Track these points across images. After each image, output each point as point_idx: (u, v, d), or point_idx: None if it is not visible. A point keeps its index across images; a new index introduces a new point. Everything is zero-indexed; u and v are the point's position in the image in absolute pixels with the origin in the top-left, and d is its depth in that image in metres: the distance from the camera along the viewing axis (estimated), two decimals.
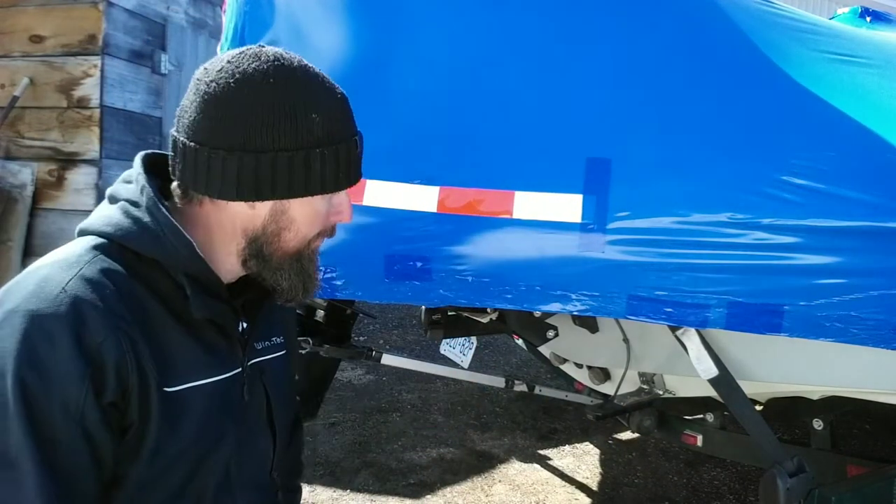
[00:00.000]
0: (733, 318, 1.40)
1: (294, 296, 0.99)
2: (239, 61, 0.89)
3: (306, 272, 1.00)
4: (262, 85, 0.88)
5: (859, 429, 3.71)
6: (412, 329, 5.18)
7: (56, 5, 5.21)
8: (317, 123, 0.90)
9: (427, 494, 3.13)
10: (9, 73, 5.27)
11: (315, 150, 0.90)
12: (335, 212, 0.99)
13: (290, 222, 0.94)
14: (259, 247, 0.95)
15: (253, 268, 0.97)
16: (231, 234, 0.95)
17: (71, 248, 0.90)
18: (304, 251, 0.99)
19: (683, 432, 2.79)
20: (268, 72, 0.88)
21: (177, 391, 0.89)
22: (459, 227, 1.53)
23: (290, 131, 0.88)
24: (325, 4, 1.71)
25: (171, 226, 0.89)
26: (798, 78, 1.55)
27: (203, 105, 0.89)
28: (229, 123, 0.87)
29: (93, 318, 0.82)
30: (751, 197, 1.41)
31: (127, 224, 0.90)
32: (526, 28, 1.61)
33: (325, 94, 0.93)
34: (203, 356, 0.94)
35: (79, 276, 0.84)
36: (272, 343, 1.10)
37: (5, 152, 5.31)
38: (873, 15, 3.00)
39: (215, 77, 0.89)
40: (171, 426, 0.89)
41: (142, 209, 0.91)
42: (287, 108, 0.88)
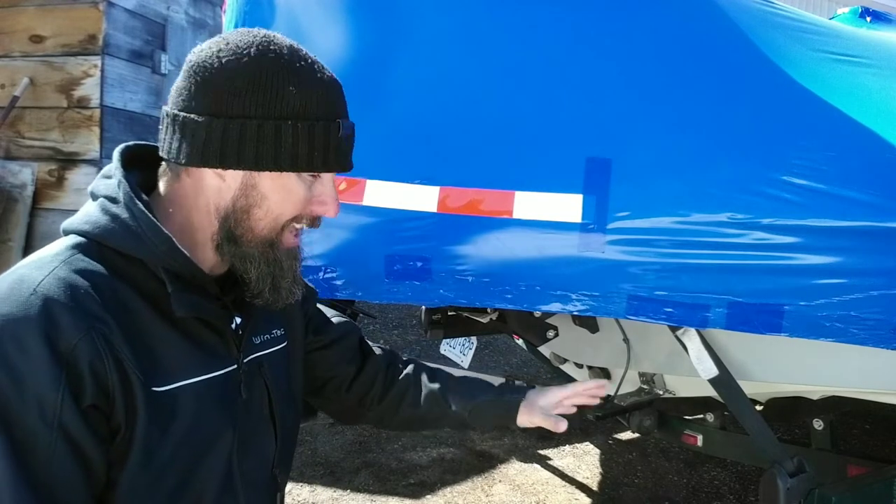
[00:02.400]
0: (733, 318, 1.40)
1: (261, 290, 0.95)
2: (230, 36, 0.91)
3: (278, 264, 0.96)
4: (242, 55, 0.88)
5: (859, 429, 3.71)
6: (412, 329, 5.18)
7: (56, 5, 5.21)
8: (292, 95, 0.89)
9: (427, 494, 3.13)
10: (9, 73, 5.27)
11: (287, 122, 0.88)
12: (318, 201, 0.96)
13: (260, 198, 0.92)
14: (230, 226, 0.93)
15: (226, 253, 0.94)
16: (205, 213, 0.93)
17: (49, 248, 0.89)
18: (278, 238, 0.95)
19: (683, 432, 2.79)
20: (252, 43, 0.89)
21: (166, 391, 0.87)
22: (459, 227, 1.53)
23: (262, 101, 0.87)
24: (325, 4, 1.71)
25: (149, 221, 0.88)
26: (798, 78, 1.55)
27: (186, 74, 0.90)
28: (204, 89, 0.88)
29: (65, 320, 0.80)
30: (751, 197, 1.41)
31: (104, 221, 0.88)
32: (526, 28, 1.61)
33: (309, 71, 0.92)
34: (192, 354, 0.91)
35: (52, 276, 0.82)
36: (272, 336, 1.07)
37: (5, 152, 5.31)
38: (873, 15, 2.99)
39: (204, 48, 0.90)
40: (161, 427, 0.86)
41: (120, 205, 0.89)
42: (263, 78, 0.88)
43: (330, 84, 0.94)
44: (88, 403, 0.80)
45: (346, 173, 0.99)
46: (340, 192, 1.58)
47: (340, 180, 1.59)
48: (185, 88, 0.89)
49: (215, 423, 0.94)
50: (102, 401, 0.82)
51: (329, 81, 0.94)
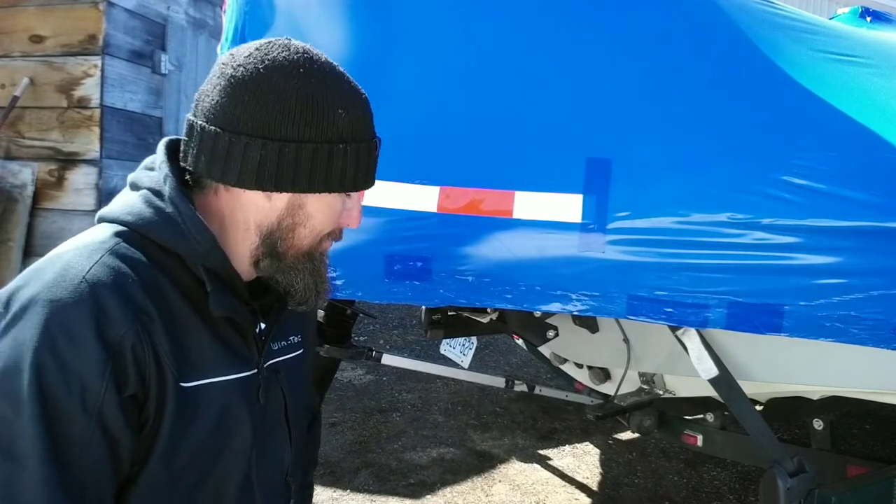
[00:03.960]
0: (733, 318, 1.40)
1: (308, 297, 0.97)
2: (268, 49, 0.89)
3: (319, 273, 0.98)
4: (291, 74, 0.87)
5: (859, 429, 3.71)
6: (412, 329, 5.18)
7: (56, 5, 5.22)
8: (342, 119, 0.89)
9: (427, 494, 3.13)
10: (9, 73, 5.27)
11: (339, 146, 0.89)
12: (346, 215, 0.98)
13: (306, 218, 0.93)
14: (273, 243, 0.93)
15: (266, 268, 0.95)
16: (244, 229, 0.93)
17: (92, 235, 0.88)
18: (316, 251, 0.97)
19: (683, 432, 2.79)
20: (298, 62, 0.88)
21: (193, 387, 0.87)
22: (459, 226, 1.53)
23: (316, 123, 0.87)
24: (325, 4, 1.71)
25: (195, 218, 0.88)
26: (798, 78, 1.55)
27: (228, 89, 0.87)
28: (255, 109, 0.86)
29: (114, 309, 0.80)
30: (751, 197, 1.41)
31: (149, 214, 0.88)
32: (526, 28, 1.61)
33: (351, 92, 0.92)
34: (220, 353, 0.92)
35: (100, 264, 0.82)
36: (289, 343, 1.08)
37: (5, 152, 5.31)
38: (873, 15, 2.99)
39: (243, 62, 0.88)
40: (185, 422, 0.87)
41: (165, 200, 0.89)
42: (315, 100, 0.87)
43: (366, 102, 0.95)
44: (129, 394, 0.81)
45: None
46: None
47: None
48: (229, 105, 0.87)
49: (236, 425, 0.94)
50: (141, 392, 0.83)
51: (365, 100, 0.95)
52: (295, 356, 1.09)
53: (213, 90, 0.89)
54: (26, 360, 0.77)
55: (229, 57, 0.90)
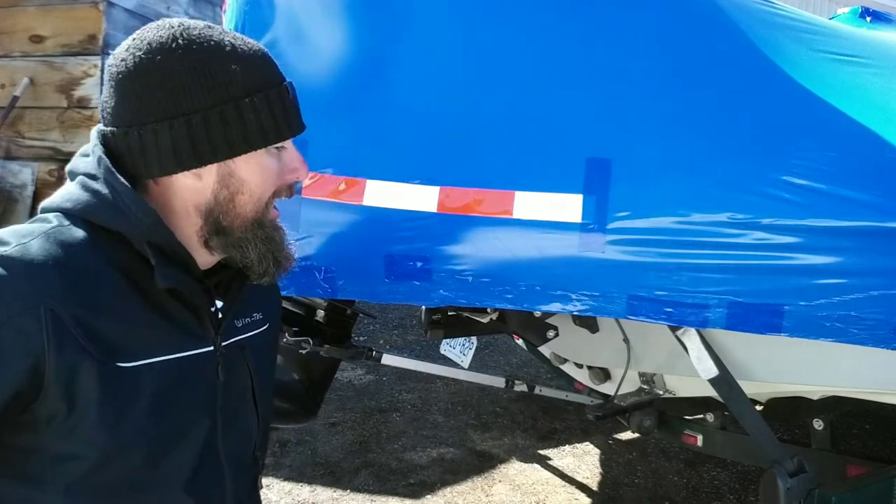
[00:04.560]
0: (733, 318, 1.40)
1: (266, 268, 0.96)
2: (142, 35, 0.88)
3: (272, 240, 0.96)
4: (171, 48, 0.86)
5: (859, 429, 3.71)
6: (412, 329, 5.18)
7: (56, 5, 5.22)
8: (237, 73, 0.88)
9: (427, 494, 3.13)
10: (9, 73, 5.27)
11: (244, 100, 0.88)
12: (289, 170, 0.96)
13: (240, 184, 0.91)
14: (216, 219, 0.92)
15: (216, 246, 0.94)
16: (185, 215, 0.92)
17: (38, 219, 0.88)
18: (264, 216, 0.95)
19: (683, 432, 2.80)
20: (173, 35, 0.87)
21: (131, 367, 0.86)
22: (459, 227, 1.53)
23: (212, 86, 0.86)
24: (325, 4, 1.71)
25: (131, 194, 0.86)
26: (798, 78, 1.55)
27: (118, 87, 0.87)
28: (149, 95, 0.85)
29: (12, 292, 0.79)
30: (751, 197, 1.41)
31: (87, 197, 0.87)
32: (526, 28, 1.61)
33: (239, 46, 0.91)
34: (165, 332, 0.90)
35: (21, 246, 0.81)
36: (253, 319, 1.06)
37: (5, 152, 5.31)
38: (873, 15, 2.99)
39: (124, 56, 0.87)
40: (123, 403, 0.85)
41: (100, 181, 0.88)
42: (203, 65, 0.86)
43: (262, 52, 0.94)
44: None
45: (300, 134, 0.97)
46: (340, 193, 1.58)
47: (340, 180, 1.59)
48: (124, 101, 0.87)
49: (186, 404, 0.93)
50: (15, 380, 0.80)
51: (258, 49, 0.93)
52: (261, 332, 1.08)
53: (108, 95, 0.89)
54: None
55: (112, 58, 0.89)
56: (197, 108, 0.86)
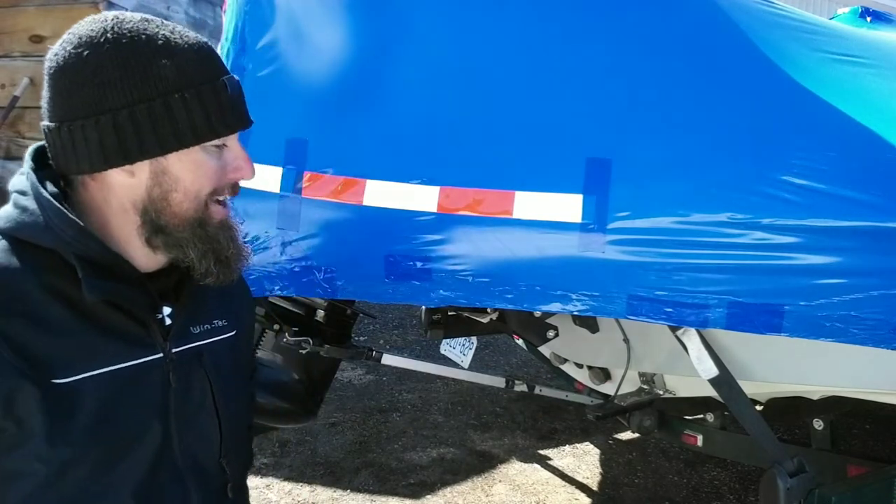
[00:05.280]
0: (733, 318, 1.40)
1: (207, 267, 0.93)
2: (76, 29, 0.87)
3: (214, 239, 0.93)
4: (99, 43, 0.84)
5: (859, 429, 3.71)
6: (412, 329, 5.18)
7: (56, 5, 5.22)
8: (168, 68, 0.85)
9: (427, 494, 3.13)
10: (9, 73, 5.27)
11: (174, 96, 0.85)
12: (232, 168, 0.94)
13: (174, 182, 0.89)
14: (152, 218, 0.90)
15: (158, 245, 0.92)
16: (122, 213, 0.90)
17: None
18: (205, 215, 0.92)
19: (684, 432, 2.80)
20: (105, 29, 0.85)
21: (68, 382, 0.84)
22: (459, 227, 1.53)
23: (139, 81, 0.84)
24: (325, 4, 1.71)
25: (54, 208, 0.85)
26: (798, 78, 1.55)
27: (51, 81, 0.86)
28: (77, 90, 0.84)
29: None
30: (751, 197, 1.41)
31: (15, 214, 0.87)
32: (526, 27, 1.61)
33: (174, 40, 0.88)
34: (103, 344, 0.88)
35: None
36: (213, 326, 1.04)
37: (5, 152, 5.31)
38: (873, 15, 2.99)
39: (57, 51, 0.86)
40: (64, 418, 0.84)
41: (28, 197, 0.87)
42: (131, 59, 0.84)
43: (199, 45, 0.90)
44: None
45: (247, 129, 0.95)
46: (340, 193, 1.58)
47: (340, 180, 1.59)
48: (56, 96, 0.85)
49: (134, 414, 0.91)
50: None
51: (196, 43, 0.90)
52: (222, 339, 1.06)
53: (45, 90, 0.87)
54: None
55: (50, 52, 0.87)
56: (123, 104, 0.84)
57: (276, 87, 1.67)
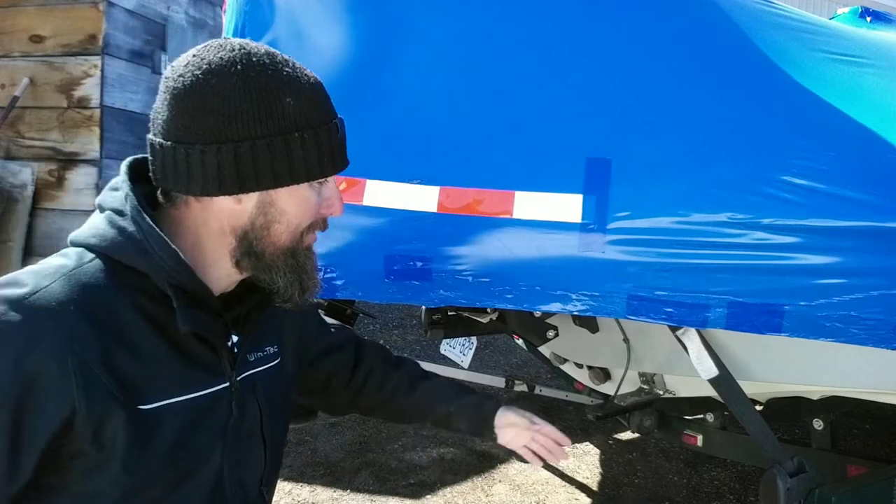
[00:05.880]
0: (733, 318, 1.40)
1: (291, 294, 0.96)
2: (204, 53, 0.88)
3: (303, 268, 0.97)
4: (229, 73, 0.85)
5: (859, 429, 3.71)
6: (412, 329, 5.18)
7: (56, 5, 5.22)
8: (291, 107, 0.87)
9: (427, 494, 3.13)
10: (9, 73, 5.27)
11: (293, 135, 0.87)
12: (326, 205, 0.96)
13: (279, 214, 0.91)
14: (249, 243, 0.92)
15: (246, 267, 0.94)
16: (219, 234, 0.92)
17: (55, 259, 0.88)
18: (298, 246, 0.96)
19: (684, 432, 2.79)
20: (234, 60, 0.86)
21: (152, 408, 0.86)
22: (459, 227, 1.52)
23: (265, 117, 0.86)
24: (325, 4, 1.71)
25: (156, 235, 0.86)
26: (798, 78, 1.55)
27: (173, 101, 0.86)
28: (202, 116, 0.85)
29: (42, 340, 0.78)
30: (751, 197, 1.41)
31: (112, 234, 0.88)
32: (526, 27, 1.61)
33: (296, 78, 0.90)
34: (185, 371, 0.91)
35: (46, 290, 0.81)
36: (265, 353, 1.07)
37: (5, 152, 5.31)
38: (873, 15, 2.99)
39: (182, 72, 0.87)
40: (143, 443, 0.86)
41: (126, 218, 0.88)
42: (258, 94, 0.86)
43: (317, 86, 0.93)
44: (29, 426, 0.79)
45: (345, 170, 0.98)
46: (340, 193, 1.58)
47: (340, 180, 1.59)
48: (177, 117, 0.86)
49: (203, 441, 0.93)
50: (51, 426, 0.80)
51: (315, 83, 0.93)
52: (271, 367, 1.08)
53: (162, 105, 0.88)
54: None
55: (171, 69, 0.89)
56: (246, 136, 0.85)
57: None
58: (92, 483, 0.84)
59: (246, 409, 1.00)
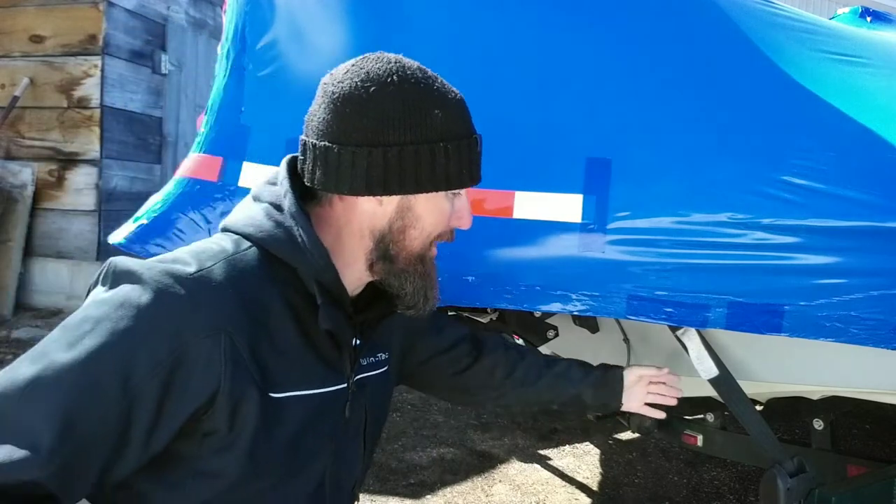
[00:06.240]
0: (733, 318, 1.40)
1: (417, 301, 1.01)
2: (363, 63, 0.94)
3: (430, 277, 1.02)
4: (386, 83, 0.92)
5: (859, 429, 3.71)
6: None
7: (56, 5, 5.22)
8: (439, 119, 0.93)
9: (427, 494, 3.13)
10: (9, 73, 5.28)
11: (439, 144, 0.93)
12: (457, 216, 1.02)
13: (415, 219, 0.97)
14: (386, 246, 0.97)
15: (379, 272, 0.99)
16: (359, 235, 0.97)
17: (211, 244, 0.92)
18: (427, 253, 1.01)
19: (684, 432, 2.79)
20: (391, 70, 0.93)
21: (281, 398, 0.90)
22: None
23: (415, 125, 0.92)
24: (325, 4, 1.71)
25: (312, 234, 0.92)
26: (798, 78, 1.55)
27: (332, 105, 0.92)
28: (357, 120, 0.91)
29: (202, 316, 0.83)
30: (751, 197, 1.41)
31: (269, 227, 0.93)
32: (526, 27, 1.61)
33: (445, 93, 0.96)
34: (314, 367, 0.95)
35: (208, 270, 0.86)
36: (377, 359, 1.11)
37: (5, 152, 5.31)
38: (873, 15, 2.99)
39: (342, 79, 0.93)
40: (269, 431, 0.89)
41: (284, 214, 0.93)
42: (411, 104, 0.92)
43: (462, 102, 0.99)
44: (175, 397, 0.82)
45: None
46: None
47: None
48: (335, 120, 0.92)
49: (317, 438, 0.97)
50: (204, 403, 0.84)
51: (460, 99, 0.99)
52: (380, 373, 1.12)
53: (319, 109, 0.94)
54: (104, 318, 0.80)
55: (329, 77, 0.96)
56: (397, 142, 0.91)
57: (277, 87, 1.67)
58: (216, 462, 0.88)
59: (354, 412, 1.04)
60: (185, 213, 1.65)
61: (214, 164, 1.67)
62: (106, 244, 3.39)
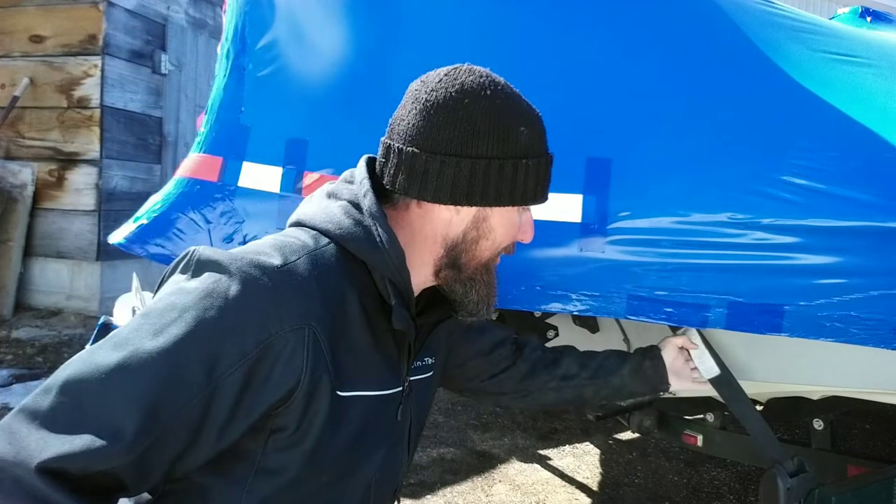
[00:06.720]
0: (733, 318, 1.40)
1: (479, 309, 1.02)
2: (456, 74, 0.97)
3: (492, 286, 1.03)
4: (479, 96, 0.94)
5: (859, 429, 3.71)
6: None
7: (56, 5, 5.22)
8: (524, 135, 0.95)
9: (427, 494, 3.13)
10: (9, 73, 5.28)
11: (522, 161, 0.95)
12: (522, 230, 1.04)
13: (489, 230, 0.98)
14: (457, 255, 0.98)
15: (445, 278, 1.00)
16: (431, 241, 0.98)
17: (296, 235, 0.92)
18: (491, 264, 1.02)
19: (684, 432, 2.79)
20: (483, 84, 0.95)
21: (347, 396, 0.90)
22: None
23: (502, 140, 0.93)
24: (325, 4, 1.71)
25: (390, 234, 0.92)
26: (798, 78, 1.55)
27: (423, 112, 0.93)
28: (448, 129, 0.92)
29: (286, 309, 0.83)
30: (751, 197, 1.41)
31: (348, 225, 0.93)
32: (526, 27, 1.61)
33: (530, 110, 0.99)
34: (378, 368, 0.95)
35: (294, 264, 0.86)
36: (424, 363, 1.11)
37: (5, 152, 5.32)
38: (873, 15, 2.99)
39: (435, 87, 0.95)
40: (334, 428, 0.89)
41: (364, 213, 0.93)
42: (501, 119, 0.93)
43: (541, 120, 1.01)
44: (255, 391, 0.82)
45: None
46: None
47: None
48: (426, 127, 0.93)
49: (373, 439, 0.97)
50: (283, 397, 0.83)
51: (540, 117, 1.01)
52: (427, 377, 1.12)
53: (408, 115, 0.95)
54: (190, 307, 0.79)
55: (420, 84, 0.97)
56: (484, 155, 0.93)
57: (276, 87, 1.67)
58: (280, 458, 0.88)
59: (404, 415, 1.05)
60: (185, 213, 1.65)
61: (214, 164, 1.67)
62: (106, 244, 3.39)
